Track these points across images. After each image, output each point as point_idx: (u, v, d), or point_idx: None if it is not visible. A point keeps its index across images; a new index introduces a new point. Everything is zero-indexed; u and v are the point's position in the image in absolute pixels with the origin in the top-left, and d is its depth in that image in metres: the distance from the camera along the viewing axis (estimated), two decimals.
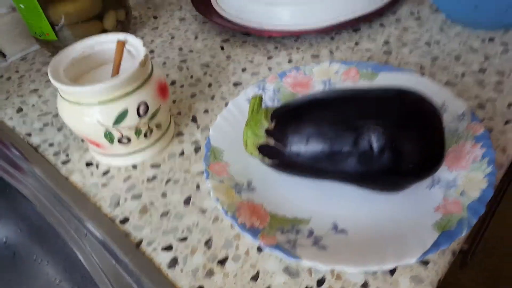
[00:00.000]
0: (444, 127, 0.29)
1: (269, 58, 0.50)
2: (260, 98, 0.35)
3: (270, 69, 0.48)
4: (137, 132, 0.36)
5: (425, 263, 0.29)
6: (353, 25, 0.51)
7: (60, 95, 0.34)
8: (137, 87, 0.34)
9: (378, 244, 0.29)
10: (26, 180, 0.41)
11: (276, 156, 0.32)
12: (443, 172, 0.33)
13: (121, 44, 0.36)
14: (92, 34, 0.50)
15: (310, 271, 0.29)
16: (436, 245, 0.27)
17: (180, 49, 0.54)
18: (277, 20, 0.52)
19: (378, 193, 0.31)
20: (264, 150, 0.32)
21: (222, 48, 0.53)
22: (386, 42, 0.50)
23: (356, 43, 0.50)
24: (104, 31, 0.52)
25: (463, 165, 0.33)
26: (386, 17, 0.54)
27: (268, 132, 0.32)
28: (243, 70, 0.49)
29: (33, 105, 0.48)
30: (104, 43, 0.38)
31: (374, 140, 0.28)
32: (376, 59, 0.47)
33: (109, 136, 0.35)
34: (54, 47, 0.51)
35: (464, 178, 0.32)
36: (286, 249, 0.28)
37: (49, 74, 0.33)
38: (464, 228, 0.28)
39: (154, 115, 0.36)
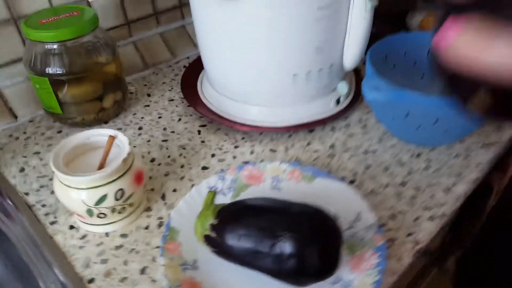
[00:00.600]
0: (342, 243, 0.39)
1: (236, 147, 0.61)
2: (214, 194, 0.45)
3: (234, 157, 0.59)
4: (113, 210, 0.45)
5: None
6: (309, 127, 0.62)
7: (57, 177, 0.44)
8: (117, 178, 0.43)
9: None
10: (15, 229, 0.49)
11: (216, 246, 0.41)
12: (346, 273, 0.42)
13: (112, 139, 0.47)
14: (92, 111, 0.61)
15: None
16: None
17: (164, 129, 0.64)
18: (247, 115, 0.63)
19: (291, 285, 0.40)
20: (208, 240, 0.42)
21: (199, 132, 0.64)
22: (332, 146, 0.61)
23: (308, 143, 0.61)
24: (103, 109, 0.63)
25: (362, 269, 0.42)
26: (338, 121, 0.66)
27: (212, 226, 0.41)
28: (212, 155, 0.59)
29: (34, 167, 0.57)
30: (98, 135, 0.48)
31: (285, 248, 0.38)
32: (320, 161, 0.58)
33: (90, 212, 0.44)
34: (58, 117, 0.62)
35: (359, 281, 0.41)
36: None
37: (51, 163, 0.43)
38: None
39: (128, 198, 0.46)
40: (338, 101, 0.65)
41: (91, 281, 0.43)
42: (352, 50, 0.57)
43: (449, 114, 0.50)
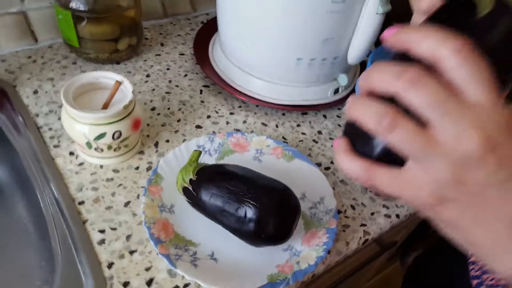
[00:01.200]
0: (297, 220, 0.45)
1: (231, 113, 0.66)
2: (199, 154, 0.50)
3: (227, 123, 0.64)
4: (109, 147, 0.51)
5: None
6: (303, 109, 0.67)
7: (65, 109, 0.49)
8: (116, 121, 0.49)
9: (231, 274, 0.45)
10: (22, 143, 0.56)
11: (191, 198, 0.47)
12: (297, 244, 0.49)
13: (118, 84, 0.52)
14: (106, 51, 0.65)
15: (183, 277, 0.45)
16: None
17: (170, 81, 0.69)
18: (248, 86, 0.67)
19: (248, 243, 0.47)
20: (185, 191, 0.48)
21: (201, 92, 0.68)
22: (320, 132, 0.66)
23: (298, 125, 0.66)
24: (117, 50, 0.67)
25: (311, 244, 0.49)
26: (332, 110, 0.70)
27: (191, 181, 0.47)
28: (208, 116, 0.64)
29: (46, 92, 0.62)
30: (107, 78, 0.53)
31: (247, 213, 0.44)
32: (304, 144, 0.63)
33: (89, 145, 0.50)
34: (75, 50, 0.66)
35: (306, 253, 0.48)
36: (171, 259, 0.44)
37: (61, 95, 0.48)
38: (282, 285, 0.44)
39: (124, 140, 0.51)
40: (336, 91, 0.69)
41: (81, 203, 0.50)
42: (357, 47, 0.60)
43: None
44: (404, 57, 0.24)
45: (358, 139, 0.27)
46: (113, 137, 0.50)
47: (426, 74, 0.22)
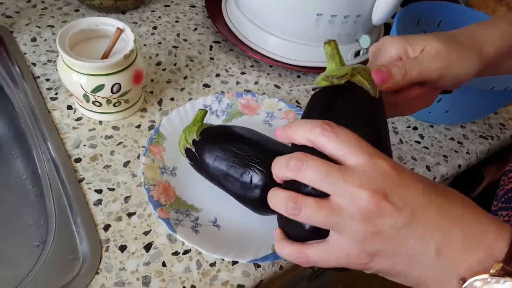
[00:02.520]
0: None
1: (242, 73, 0.61)
2: (204, 113, 0.46)
3: (238, 83, 0.59)
4: (108, 101, 0.47)
5: (258, 265, 0.42)
6: (319, 71, 0.62)
7: (61, 56, 0.45)
8: (116, 72, 0.45)
9: (233, 242, 0.42)
10: (18, 95, 0.52)
11: (193, 160, 0.44)
12: None
13: (119, 32, 0.47)
14: None
15: (183, 242, 0.42)
16: (264, 258, 0.40)
17: (178, 35, 0.64)
18: (263, 44, 0.62)
19: (251, 210, 0.44)
20: (188, 153, 0.44)
21: (210, 48, 0.63)
22: None
23: (313, 89, 0.61)
24: None
25: None
26: None
27: (194, 142, 0.43)
28: (217, 75, 0.60)
29: (46, 40, 0.58)
30: (107, 24, 0.48)
31: (253, 179, 0.40)
32: None
33: (86, 97, 0.46)
34: None
35: None
36: (170, 224, 0.41)
37: (57, 40, 0.44)
38: None
39: (124, 94, 0.47)
40: (357, 54, 0.63)
41: (78, 160, 0.47)
42: (383, 6, 0.54)
43: (454, 97, 0.49)
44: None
45: (288, 227, 0.30)
46: (112, 90, 0.46)
47: (307, 156, 0.27)
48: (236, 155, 0.41)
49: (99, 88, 0.45)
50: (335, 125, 0.27)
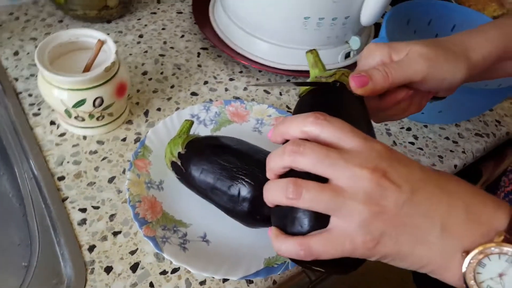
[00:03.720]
0: None
1: (231, 79, 0.59)
2: (190, 124, 0.45)
3: (226, 90, 0.58)
4: (90, 116, 0.46)
5: (250, 281, 0.40)
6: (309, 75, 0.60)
7: (40, 71, 0.44)
8: (97, 85, 0.43)
9: (223, 258, 0.40)
10: (0, 109, 0.51)
11: (180, 173, 0.42)
12: None
13: (100, 43, 0.46)
14: (95, 7, 0.59)
15: (171, 261, 0.41)
16: (256, 274, 0.39)
17: (165, 42, 0.63)
18: (251, 49, 0.60)
19: (241, 223, 0.42)
20: (173, 166, 0.43)
21: (198, 55, 0.62)
22: None
23: (300, 95, 0.60)
24: (106, 7, 0.61)
25: None
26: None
27: (179, 155, 0.42)
28: (205, 82, 0.58)
29: (28, 53, 0.57)
30: (89, 36, 0.47)
31: (241, 191, 0.39)
32: None
33: (68, 113, 0.45)
34: (61, 7, 0.60)
35: None
36: (157, 242, 0.40)
37: (35, 55, 0.43)
38: (281, 269, 0.39)
39: (107, 107, 0.46)
40: (347, 55, 0.62)
41: (61, 178, 0.45)
42: (372, 6, 0.53)
43: (448, 96, 0.47)
44: None
45: (285, 223, 0.29)
46: (94, 104, 0.44)
47: (302, 141, 0.27)
48: (223, 168, 0.40)
49: (81, 103, 0.44)
50: (327, 114, 0.28)
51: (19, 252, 0.49)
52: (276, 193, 0.27)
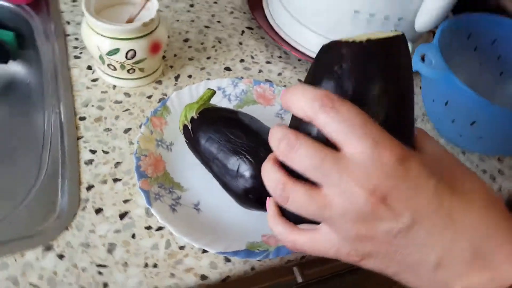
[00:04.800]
0: None
1: (267, 62, 0.59)
2: (212, 94, 0.45)
3: (260, 71, 0.57)
4: (122, 66, 0.47)
5: (228, 260, 0.40)
6: None
7: (84, 16, 0.46)
8: (132, 38, 0.45)
9: (208, 230, 0.40)
10: (47, 49, 0.54)
11: (188, 137, 0.43)
12: None
13: (145, 0, 0.47)
14: None
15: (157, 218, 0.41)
16: (234, 253, 0.38)
17: (213, 15, 0.63)
18: (297, 37, 0.59)
19: (233, 200, 0.41)
20: (184, 129, 0.43)
21: (242, 33, 0.62)
22: None
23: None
24: None
25: None
26: None
27: (192, 120, 0.42)
28: (241, 60, 0.58)
29: None
30: None
31: (240, 167, 0.38)
32: None
33: (102, 59, 0.47)
34: None
35: None
36: (149, 196, 0.40)
37: (83, 1, 0.45)
38: (261, 256, 0.38)
39: (139, 62, 0.47)
40: None
41: (82, 118, 0.47)
42: (429, 11, 0.49)
43: (490, 121, 0.43)
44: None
45: None
46: (126, 56, 0.46)
47: (299, 138, 0.23)
48: (228, 140, 0.39)
49: (114, 51, 0.45)
50: (337, 98, 0.22)
51: (26, 174, 0.51)
52: (266, 181, 0.25)
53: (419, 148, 0.26)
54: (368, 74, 0.23)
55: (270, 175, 0.25)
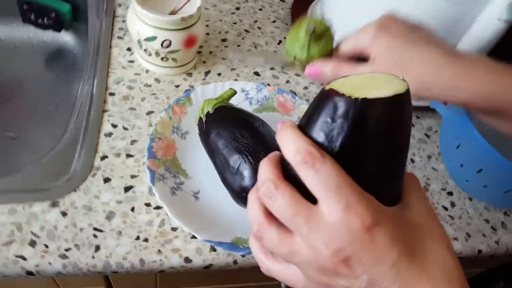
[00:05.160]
0: None
1: (297, 75, 0.60)
2: (232, 93, 0.47)
3: (288, 82, 0.59)
4: (157, 53, 0.51)
5: (214, 249, 0.42)
6: None
7: (132, 2, 0.50)
8: (169, 29, 0.48)
9: (201, 218, 0.42)
10: (96, 25, 0.58)
11: (200, 129, 0.45)
12: None
13: None
14: None
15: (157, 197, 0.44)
16: (219, 243, 0.40)
17: (255, 21, 0.66)
18: None
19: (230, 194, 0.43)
20: (199, 122, 0.46)
21: (279, 42, 0.64)
22: None
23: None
24: None
25: None
26: (424, 112, 0.59)
27: (207, 114, 0.45)
28: (271, 68, 0.60)
29: None
30: None
31: (241, 166, 0.40)
32: None
33: (140, 43, 0.50)
34: None
35: None
36: (154, 176, 0.43)
37: None
38: (244, 252, 0.40)
39: (172, 52, 0.50)
40: None
41: (112, 94, 0.51)
42: (473, 40, 0.48)
43: (495, 171, 0.43)
44: None
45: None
46: (162, 45, 0.49)
47: (278, 188, 0.24)
48: (235, 139, 0.41)
49: (152, 39, 0.49)
50: (319, 157, 0.23)
51: (52, 133, 0.56)
52: (249, 217, 0.26)
53: (403, 200, 0.26)
54: (359, 134, 0.23)
55: (251, 209, 0.26)
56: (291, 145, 0.24)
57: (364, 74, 0.25)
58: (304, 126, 0.25)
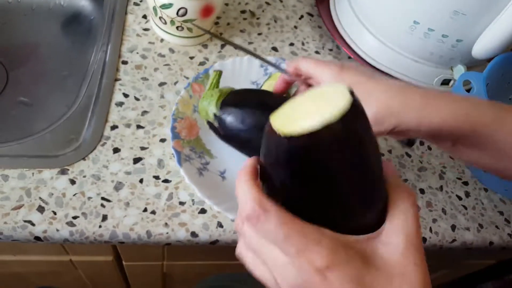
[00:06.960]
0: None
1: (316, 52, 0.58)
2: (219, 75, 0.44)
3: None
4: (172, 22, 0.49)
5: (221, 225, 0.41)
6: None
7: None
8: None
9: (229, 196, 0.41)
10: None
11: (215, 132, 0.42)
12: None
13: None
14: None
15: (168, 172, 0.43)
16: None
17: None
18: (354, 36, 0.58)
19: None
20: (210, 125, 0.43)
21: (301, 17, 0.61)
22: None
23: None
24: None
25: None
26: None
27: (215, 116, 0.42)
28: (291, 44, 0.58)
29: None
30: None
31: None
32: None
33: (155, 10, 0.49)
34: None
35: None
36: (180, 157, 0.42)
37: None
38: None
39: (188, 21, 0.49)
40: (445, 82, 0.56)
41: (124, 62, 0.50)
42: (491, 38, 0.46)
43: None
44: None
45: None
46: (177, 13, 0.47)
47: (250, 223, 0.24)
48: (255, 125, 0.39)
49: (167, 6, 0.47)
50: (262, 214, 0.23)
51: (64, 100, 0.55)
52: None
53: (382, 228, 0.24)
54: (297, 171, 0.22)
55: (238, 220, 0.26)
56: (240, 198, 0.25)
57: (310, 92, 0.24)
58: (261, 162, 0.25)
